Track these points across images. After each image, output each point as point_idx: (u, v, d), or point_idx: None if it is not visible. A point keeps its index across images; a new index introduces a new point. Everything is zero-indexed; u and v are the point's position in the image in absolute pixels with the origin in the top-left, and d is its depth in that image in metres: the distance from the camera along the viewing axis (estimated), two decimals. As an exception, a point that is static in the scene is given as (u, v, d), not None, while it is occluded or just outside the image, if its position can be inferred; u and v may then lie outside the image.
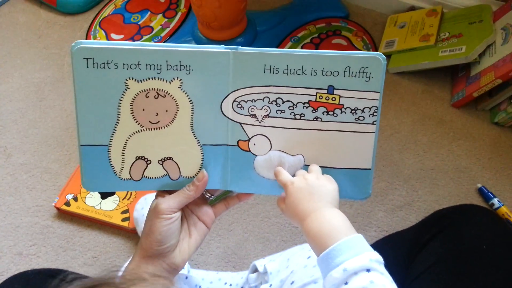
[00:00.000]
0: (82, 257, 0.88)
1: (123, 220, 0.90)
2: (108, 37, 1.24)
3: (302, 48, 1.17)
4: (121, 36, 1.24)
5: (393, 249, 0.66)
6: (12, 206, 0.95)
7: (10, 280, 0.61)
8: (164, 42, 1.22)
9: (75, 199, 0.92)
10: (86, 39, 1.26)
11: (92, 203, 0.92)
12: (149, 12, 1.29)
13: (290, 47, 1.18)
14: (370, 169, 0.51)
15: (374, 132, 0.50)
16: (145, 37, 1.24)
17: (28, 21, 1.30)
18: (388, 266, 0.55)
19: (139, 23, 1.27)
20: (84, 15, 1.31)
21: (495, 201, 0.92)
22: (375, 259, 0.42)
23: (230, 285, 0.73)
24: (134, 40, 1.23)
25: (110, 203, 0.92)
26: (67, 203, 0.92)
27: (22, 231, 0.92)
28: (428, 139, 1.04)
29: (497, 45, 1.04)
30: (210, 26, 1.09)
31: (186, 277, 0.67)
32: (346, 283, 0.41)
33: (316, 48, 1.17)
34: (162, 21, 1.27)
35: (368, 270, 0.41)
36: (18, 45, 1.25)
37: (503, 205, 0.92)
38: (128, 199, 0.92)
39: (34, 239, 0.91)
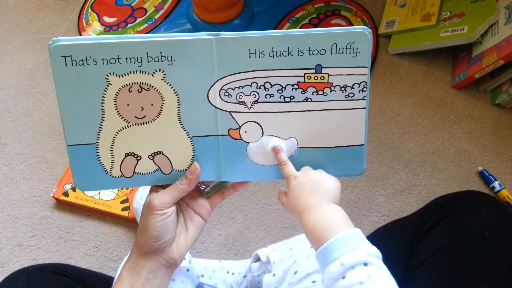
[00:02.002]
0: (83, 247, 0.88)
1: (123, 209, 0.89)
2: (100, 20, 1.21)
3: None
4: (114, 19, 1.21)
5: (396, 237, 0.66)
6: (10, 197, 0.94)
7: (11, 277, 0.60)
8: (158, 25, 1.19)
9: (74, 189, 0.91)
10: (78, 22, 1.22)
11: (91, 193, 0.91)
12: (142, -7, 1.25)
13: (288, 28, 1.15)
14: (363, 144, 0.51)
15: (364, 108, 0.50)
16: (138, 20, 1.20)
17: (18, 4, 1.26)
18: (391, 254, 0.55)
19: (132, 4, 1.23)
20: (75, -3, 1.27)
21: (496, 184, 0.92)
22: (373, 253, 0.42)
23: (233, 273, 0.73)
24: (127, 23, 1.20)
25: (109, 193, 0.91)
26: (66, 193, 0.91)
27: (21, 222, 0.91)
28: (429, 122, 1.03)
29: (500, 25, 1.01)
30: (205, 8, 1.06)
31: (188, 270, 0.66)
32: (343, 277, 0.41)
33: (315, 29, 1.15)
34: (156, 2, 1.23)
35: (365, 264, 0.41)
36: (8, 30, 1.21)
37: (504, 188, 0.92)
38: (127, 188, 0.91)
39: (33, 230, 0.90)
